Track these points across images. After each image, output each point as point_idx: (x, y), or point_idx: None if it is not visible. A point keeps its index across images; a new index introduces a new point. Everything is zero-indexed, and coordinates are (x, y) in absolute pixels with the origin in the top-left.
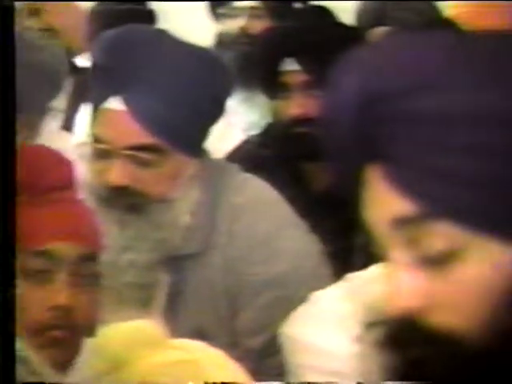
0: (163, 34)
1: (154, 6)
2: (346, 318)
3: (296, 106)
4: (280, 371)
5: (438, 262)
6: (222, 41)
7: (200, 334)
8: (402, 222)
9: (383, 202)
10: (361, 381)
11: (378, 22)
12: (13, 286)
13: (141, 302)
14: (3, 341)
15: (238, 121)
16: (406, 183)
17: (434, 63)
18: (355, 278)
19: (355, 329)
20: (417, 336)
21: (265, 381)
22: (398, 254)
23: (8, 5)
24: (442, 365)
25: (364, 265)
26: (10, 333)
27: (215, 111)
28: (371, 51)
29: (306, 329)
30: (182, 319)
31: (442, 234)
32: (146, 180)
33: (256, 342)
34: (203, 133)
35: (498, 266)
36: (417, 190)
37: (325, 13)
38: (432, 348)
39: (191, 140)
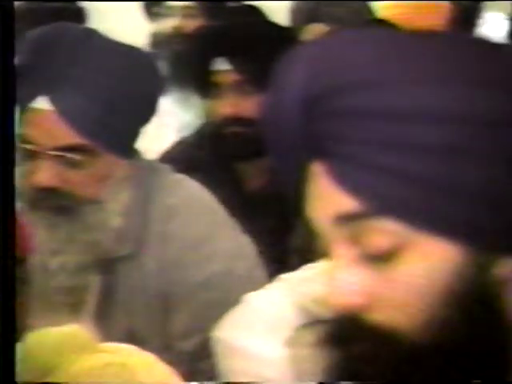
0: (92, 32)
1: (86, 5)
2: (278, 320)
3: (228, 106)
4: (213, 374)
5: (380, 260)
6: (156, 40)
7: (132, 338)
8: (345, 219)
9: (327, 199)
10: None
11: (312, 21)
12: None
13: (71, 305)
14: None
15: (172, 121)
16: (349, 180)
17: (383, 60)
18: (289, 279)
19: (288, 331)
20: (358, 333)
21: None
22: (341, 250)
23: (8, 5)
24: (383, 361)
25: (299, 265)
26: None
27: (146, 111)
28: (315, 48)
29: (238, 333)
30: (113, 322)
31: (384, 232)
32: (75, 181)
33: (189, 344)
34: (134, 133)
35: (439, 264)
36: (360, 187)
37: (256, 12)
38: (373, 345)
39: (121, 140)
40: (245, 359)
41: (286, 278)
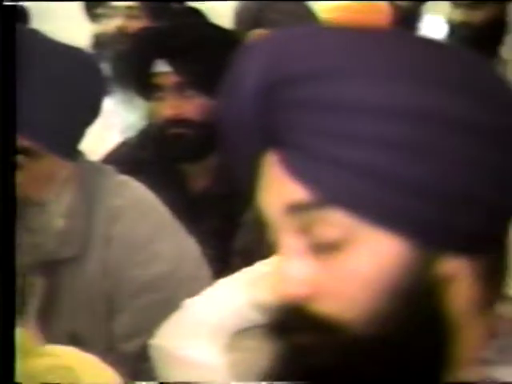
0: (34, 33)
1: (28, 5)
2: (218, 326)
3: (169, 108)
4: (155, 375)
5: (328, 250)
6: (99, 41)
7: (75, 340)
8: (295, 209)
9: (278, 188)
10: None
11: (256, 25)
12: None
13: None
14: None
15: (116, 122)
16: (300, 170)
17: (334, 53)
18: (235, 280)
19: (228, 336)
20: (304, 323)
21: None
22: (290, 240)
23: (8, 5)
24: (328, 352)
25: (242, 267)
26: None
27: (89, 112)
28: (269, 42)
29: (177, 340)
30: (56, 325)
31: (333, 223)
32: (18, 183)
33: (132, 345)
34: (77, 134)
35: (386, 258)
36: (311, 177)
37: (199, 14)
38: (318, 335)
39: (64, 142)
40: (183, 367)
41: (229, 280)
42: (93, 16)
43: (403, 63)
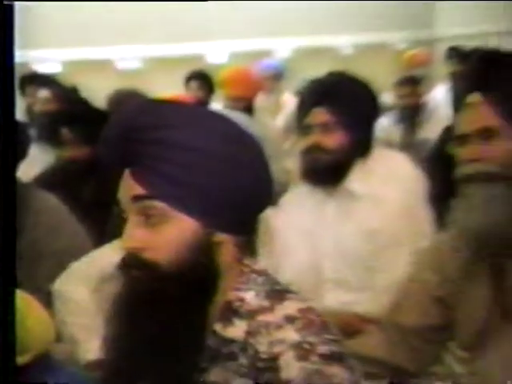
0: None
1: None
2: (90, 275)
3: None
4: None
5: (153, 224)
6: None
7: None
8: (136, 199)
9: (128, 188)
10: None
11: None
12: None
13: None
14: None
15: None
16: (141, 177)
17: (167, 114)
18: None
19: (95, 283)
20: (137, 263)
21: None
22: (132, 217)
23: (8, 4)
24: (150, 280)
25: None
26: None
27: None
28: (131, 106)
29: (64, 286)
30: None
31: (157, 208)
32: None
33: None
34: None
35: (183, 230)
36: (146, 182)
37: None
38: (144, 270)
39: None
40: (68, 303)
41: (104, 247)
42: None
43: (200, 123)
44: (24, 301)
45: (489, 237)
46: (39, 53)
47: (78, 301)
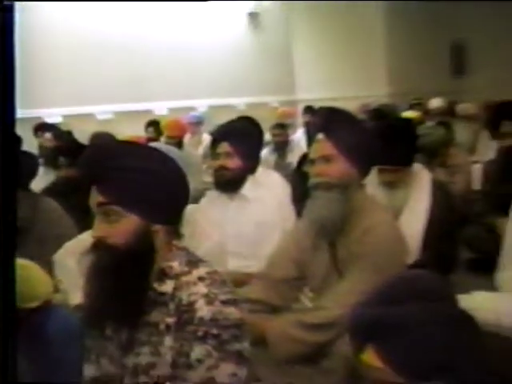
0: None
1: None
2: (76, 251)
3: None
4: None
5: (112, 220)
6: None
7: None
8: (99, 205)
9: (94, 197)
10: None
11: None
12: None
13: None
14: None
15: None
16: (104, 191)
17: (129, 150)
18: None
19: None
20: (100, 247)
21: None
22: (98, 217)
23: (8, 4)
24: (109, 258)
25: None
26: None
27: None
28: (97, 143)
29: (62, 256)
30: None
31: (115, 210)
32: None
33: None
34: None
35: (134, 225)
36: (107, 193)
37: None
38: (106, 251)
39: None
40: (64, 269)
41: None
42: None
43: (143, 154)
44: (28, 266)
45: (327, 224)
46: (46, 111)
47: (68, 267)
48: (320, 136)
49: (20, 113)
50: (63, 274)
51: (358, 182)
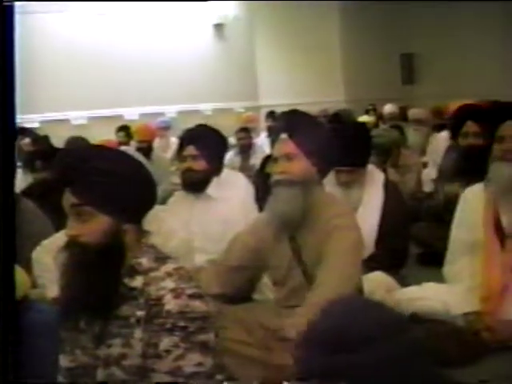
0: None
1: None
2: (52, 249)
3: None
4: None
5: (84, 220)
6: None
7: None
8: (72, 206)
9: (67, 198)
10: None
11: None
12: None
13: None
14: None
15: None
16: (76, 192)
17: (100, 154)
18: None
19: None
20: (74, 244)
21: None
22: (71, 217)
23: (8, 4)
24: (83, 254)
25: None
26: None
27: None
28: (71, 147)
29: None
30: None
31: (86, 211)
32: None
33: None
34: None
35: (105, 224)
36: (79, 195)
37: None
38: (79, 249)
39: None
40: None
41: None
42: None
43: (112, 158)
44: None
45: (288, 219)
46: (25, 116)
47: (45, 264)
48: (283, 136)
49: None
50: (41, 270)
51: (318, 181)
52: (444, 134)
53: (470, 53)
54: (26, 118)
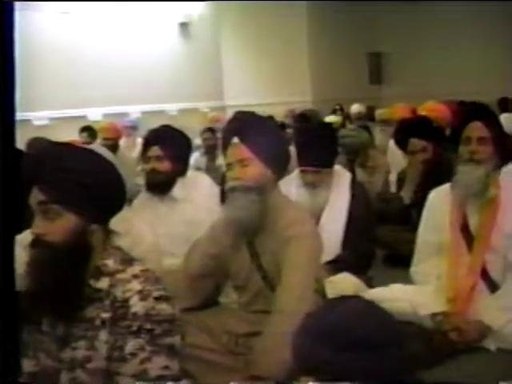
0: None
1: None
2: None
3: None
4: None
5: (51, 218)
6: None
7: None
8: (40, 203)
9: (34, 196)
10: None
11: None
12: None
13: None
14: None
15: None
16: (44, 190)
17: (71, 153)
18: None
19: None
20: (40, 243)
21: None
22: (38, 215)
23: (8, 2)
24: (48, 254)
25: None
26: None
27: None
28: (39, 146)
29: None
30: None
31: (54, 209)
32: None
33: None
34: None
35: (73, 223)
36: (46, 192)
37: None
38: (45, 247)
39: None
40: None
41: None
42: None
43: (78, 156)
44: None
45: (245, 225)
46: None
47: (20, 258)
48: (235, 140)
49: None
50: (16, 264)
51: (274, 183)
52: None
53: (439, 53)
54: None
